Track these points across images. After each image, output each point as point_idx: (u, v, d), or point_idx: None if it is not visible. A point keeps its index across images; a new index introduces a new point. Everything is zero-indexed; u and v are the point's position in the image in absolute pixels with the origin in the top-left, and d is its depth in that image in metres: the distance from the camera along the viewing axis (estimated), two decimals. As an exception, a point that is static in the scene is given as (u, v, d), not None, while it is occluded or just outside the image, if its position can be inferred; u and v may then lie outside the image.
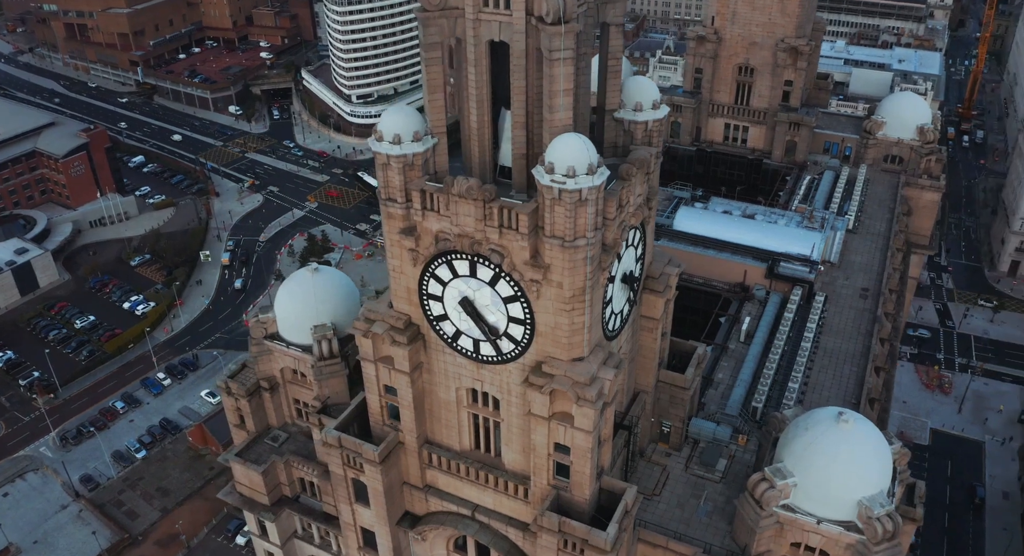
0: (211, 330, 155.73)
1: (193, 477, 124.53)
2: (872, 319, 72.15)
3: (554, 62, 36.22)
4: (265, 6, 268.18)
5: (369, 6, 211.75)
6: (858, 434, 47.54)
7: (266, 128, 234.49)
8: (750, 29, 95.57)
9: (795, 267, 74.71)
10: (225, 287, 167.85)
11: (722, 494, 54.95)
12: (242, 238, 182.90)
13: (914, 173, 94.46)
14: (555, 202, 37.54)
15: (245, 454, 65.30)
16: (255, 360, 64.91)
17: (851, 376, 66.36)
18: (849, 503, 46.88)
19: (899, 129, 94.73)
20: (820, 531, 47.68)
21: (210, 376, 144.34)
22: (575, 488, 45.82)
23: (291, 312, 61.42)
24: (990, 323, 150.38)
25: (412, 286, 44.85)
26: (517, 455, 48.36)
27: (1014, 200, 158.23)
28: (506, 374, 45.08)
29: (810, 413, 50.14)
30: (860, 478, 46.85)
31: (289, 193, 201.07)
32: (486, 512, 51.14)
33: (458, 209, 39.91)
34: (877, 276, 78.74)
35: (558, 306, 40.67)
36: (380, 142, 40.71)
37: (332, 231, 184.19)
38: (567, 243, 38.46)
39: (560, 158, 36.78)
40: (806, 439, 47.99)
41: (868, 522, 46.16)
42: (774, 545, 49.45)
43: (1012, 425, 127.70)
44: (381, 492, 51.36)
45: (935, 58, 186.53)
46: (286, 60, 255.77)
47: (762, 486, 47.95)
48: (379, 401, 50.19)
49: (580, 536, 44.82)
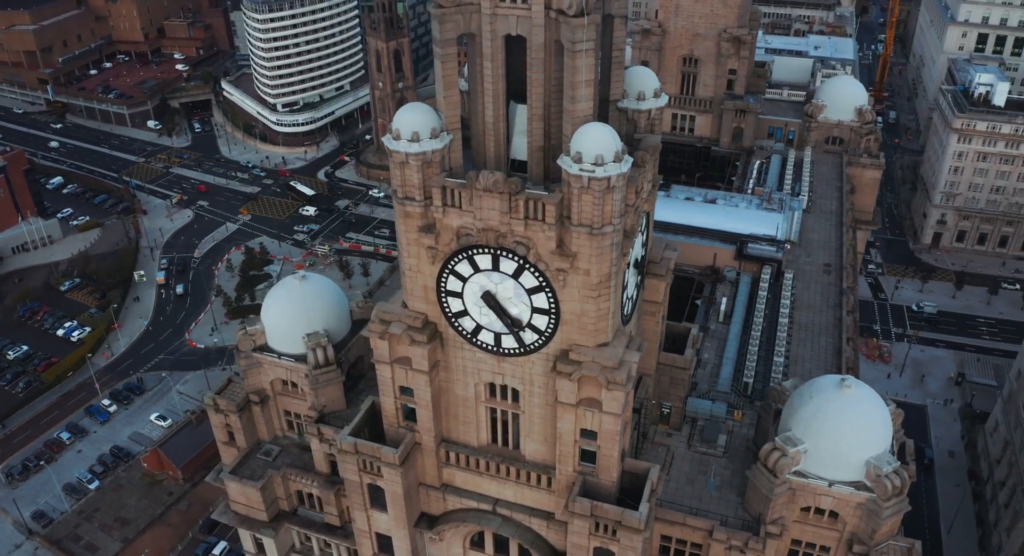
0: (153, 351, 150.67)
1: (152, 504, 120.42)
2: (839, 292, 75.47)
3: (577, 54, 36.90)
4: (178, 17, 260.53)
5: (291, 12, 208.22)
6: (861, 398, 49.95)
7: (188, 142, 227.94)
8: (693, 21, 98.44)
9: (763, 247, 77.42)
10: (164, 307, 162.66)
11: (727, 468, 56.68)
12: (176, 255, 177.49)
13: (855, 152, 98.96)
14: (583, 190, 38.25)
15: (239, 471, 63.88)
16: (244, 374, 63.50)
17: (828, 347, 69.29)
18: (857, 464, 49.14)
19: (838, 111, 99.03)
20: (832, 493, 49.79)
21: (158, 399, 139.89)
22: (602, 472, 46.67)
23: (281, 322, 60.34)
24: (919, 293, 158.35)
25: (429, 284, 44.85)
26: (538, 445, 48.90)
27: (933, 176, 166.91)
28: (529, 365, 45.56)
29: (812, 382, 52.29)
30: (866, 439, 49.20)
31: (220, 207, 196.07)
32: (507, 505, 51.50)
33: (482, 203, 40.18)
34: (836, 252, 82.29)
35: (585, 293, 41.40)
36: (398, 140, 40.60)
37: (269, 243, 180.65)
38: (595, 230, 39.24)
39: (588, 147, 37.52)
40: (812, 407, 50.05)
41: (877, 480, 48.45)
42: (786, 511, 51.37)
43: (951, 388, 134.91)
44: (400, 495, 51.13)
45: (848, 44, 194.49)
46: (203, 71, 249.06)
47: (775, 455, 49.74)
48: (394, 403, 49.97)
49: (613, 518, 45.72)
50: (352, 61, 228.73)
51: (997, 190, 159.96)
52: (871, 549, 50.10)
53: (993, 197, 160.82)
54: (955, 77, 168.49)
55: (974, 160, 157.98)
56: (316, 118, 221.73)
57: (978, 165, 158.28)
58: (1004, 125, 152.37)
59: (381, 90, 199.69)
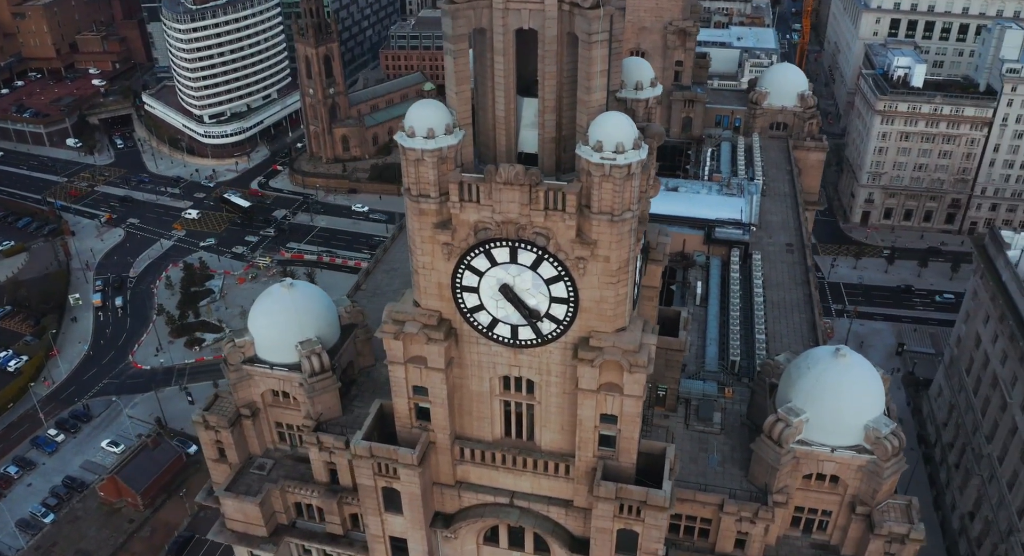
0: (97, 376, 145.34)
1: (113, 533, 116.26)
2: (805, 270, 78.49)
3: (593, 45, 37.70)
4: (90, 31, 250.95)
5: (214, 21, 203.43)
6: (855, 365, 52.28)
7: (112, 159, 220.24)
8: (639, 14, 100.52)
9: (730, 231, 79.83)
10: (103, 329, 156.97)
11: (725, 444, 58.38)
12: (111, 275, 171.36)
13: (799, 136, 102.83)
14: (604, 179, 39.05)
15: (234, 487, 62.53)
16: (233, 387, 62.14)
17: (803, 322, 72.04)
18: (856, 429, 51.41)
19: (781, 98, 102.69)
20: (834, 458, 51.94)
21: (107, 425, 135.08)
22: (622, 455, 47.62)
23: (272, 331, 59.36)
24: (854, 270, 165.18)
25: (444, 281, 44.98)
26: (555, 434, 49.51)
27: (858, 157, 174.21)
28: (546, 355, 46.13)
29: (807, 354, 54.41)
30: (864, 404, 51.59)
31: (152, 224, 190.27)
32: (524, 497, 51.92)
33: (501, 196, 40.58)
34: (796, 231, 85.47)
35: (604, 280, 42.23)
36: (412, 138, 40.64)
37: (208, 257, 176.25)
38: (615, 217, 40.09)
39: (609, 135, 38.35)
40: (811, 377, 52.10)
41: (877, 442, 50.82)
42: (790, 480, 53.31)
43: (892, 358, 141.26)
44: (418, 495, 51.04)
45: (769, 34, 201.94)
46: (121, 86, 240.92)
47: (779, 426, 51.57)
48: (407, 403, 49.83)
49: (638, 499, 46.72)
50: (278, 69, 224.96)
51: (920, 168, 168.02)
52: (873, 509, 52.49)
53: (916, 174, 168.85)
54: (873, 61, 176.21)
55: (897, 140, 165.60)
56: (245, 128, 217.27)
57: (901, 145, 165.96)
58: (924, 105, 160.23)
59: (312, 97, 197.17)
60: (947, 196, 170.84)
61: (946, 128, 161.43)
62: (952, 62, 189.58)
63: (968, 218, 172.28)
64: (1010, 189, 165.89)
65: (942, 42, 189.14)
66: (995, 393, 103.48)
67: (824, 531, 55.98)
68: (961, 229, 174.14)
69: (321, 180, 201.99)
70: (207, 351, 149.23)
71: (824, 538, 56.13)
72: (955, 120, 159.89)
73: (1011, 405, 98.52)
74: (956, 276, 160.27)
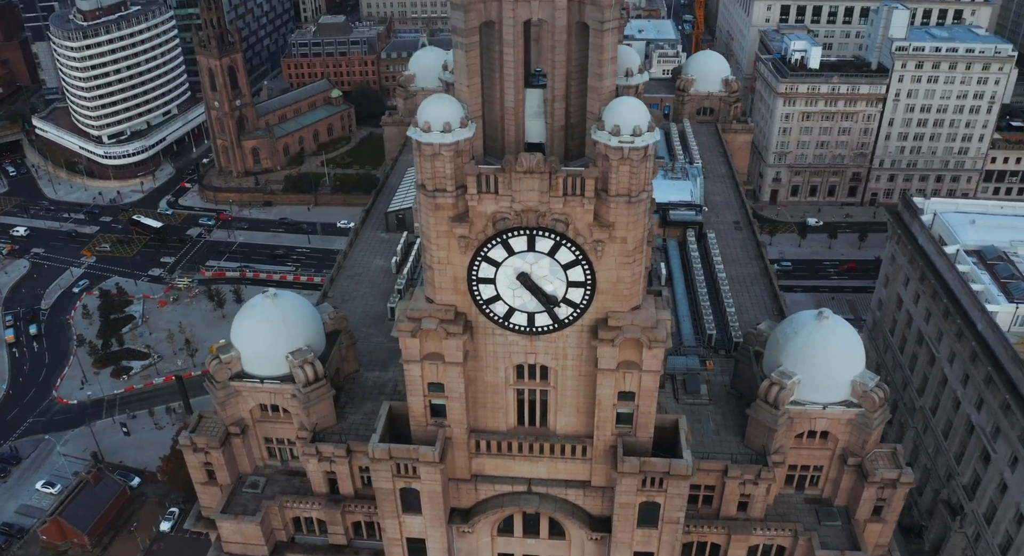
0: (21, 416, 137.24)
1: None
2: (756, 244, 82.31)
3: (605, 32, 39.00)
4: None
5: (107, 38, 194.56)
6: (838, 326, 55.59)
7: (5, 188, 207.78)
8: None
9: (683, 213, 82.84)
10: (20, 366, 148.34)
11: (716, 413, 60.92)
12: (20, 309, 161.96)
13: (725, 120, 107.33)
14: (622, 162, 40.46)
15: (230, 509, 61.00)
16: (220, 406, 60.49)
17: (764, 293, 75.65)
18: (844, 385, 54.74)
19: (706, 84, 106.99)
20: (826, 414, 55.12)
21: (39, 465, 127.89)
22: (640, 430, 49.24)
23: (260, 344, 58.20)
24: (770, 246, 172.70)
25: (460, 274, 45.41)
26: (570, 418, 50.67)
27: (764, 139, 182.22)
28: (562, 340, 47.21)
29: (790, 320, 57.46)
30: (849, 361, 55.00)
31: (59, 252, 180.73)
32: (542, 482, 52.90)
33: (521, 185, 41.39)
34: (740, 209, 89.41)
35: (621, 261, 43.67)
36: (429, 132, 40.92)
37: (124, 282, 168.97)
38: (632, 199, 41.60)
39: (626, 119, 39.76)
40: (800, 340, 55.05)
41: (864, 395, 54.24)
42: (785, 440, 56.22)
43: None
44: (439, 493, 51.25)
45: (668, 25, 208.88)
46: (7, 110, 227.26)
47: (774, 389, 54.34)
48: (423, 401, 49.96)
49: (661, 470, 48.41)
50: (177, 83, 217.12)
51: (822, 145, 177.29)
52: (864, 459, 55.93)
53: (819, 152, 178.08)
54: (769, 47, 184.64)
55: (799, 120, 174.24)
56: (147, 146, 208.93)
57: (803, 124, 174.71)
58: (822, 85, 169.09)
59: (218, 110, 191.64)
60: (848, 170, 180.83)
61: (844, 106, 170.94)
62: (840, 44, 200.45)
63: (869, 189, 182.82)
64: (905, 160, 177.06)
65: (830, 25, 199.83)
66: (922, 349, 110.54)
67: (816, 486, 59.28)
68: (863, 201, 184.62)
69: (234, 195, 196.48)
70: (136, 379, 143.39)
71: (816, 493, 59.42)
72: (852, 98, 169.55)
73: (939, 359, 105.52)
74: (864, 245, 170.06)
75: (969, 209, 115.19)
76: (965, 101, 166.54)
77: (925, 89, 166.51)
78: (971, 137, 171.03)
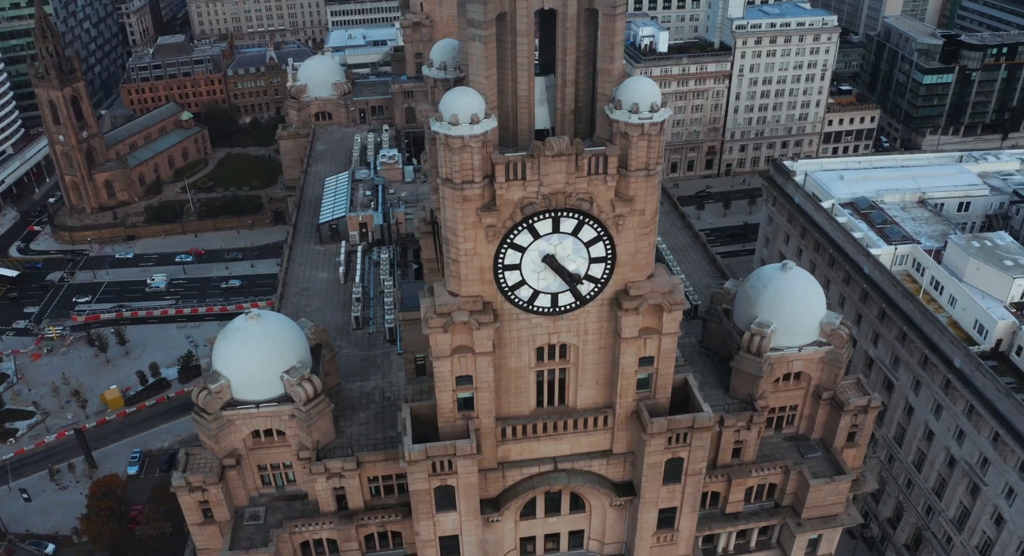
0: None
1: None
2: (680, 215, 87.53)
3: (616, 17, 41.32)
4: None
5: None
6: (800, 275, 60.92)
7: None
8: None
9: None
10: None
11: (695, 372, 64.75)
12: None
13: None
14: (641, 137, 42.98)
15: (238, 545, 58.72)
16: (213, 439, 57.99)
17: (702, 258, 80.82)
18: (814, 327, 60.07)
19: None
20: (801, 356, 60.22)
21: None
22: (660, 391, 52.15)
23: (252, 367, 56.38)
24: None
25: (486, 264, 46.39)
26: (589, 391, 52.77)
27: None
28: (584, 316, 49.20)
29: (756, 274, 62.28)
30: (815, 305, 60.40)
31: None
32: (566, 459, 54.71)
33: (549, 169, 42.99)
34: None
35: (639, 232, 46.24)
36: (457, 126, 41.70)
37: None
38: (650, 171, 44.24)
39: (643, 97, 42.27)
40: (770, 292, 59.85)
41: (833, 333, 59.77)
42: (766, 385, 60.97)
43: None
44: (475, 485, 52.00)
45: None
46: None
47: (755, 339, 58.80)
48: (451, 397, 50.49)
49: (685, 426, 51.51)
50: (9, 121, 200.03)
51: (678, 123, 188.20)
52: (836, 392, 61.58)
53: (677, 130, 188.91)
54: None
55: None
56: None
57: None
58: (673, 67, 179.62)
59: (63, 143, 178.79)
60: (704, 145, 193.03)
61: (695, 85, 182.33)
62: (676, 27, 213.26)
63: (724, 161, 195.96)
64: (753, 130, 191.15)
65: (665, 10, 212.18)
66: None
67: (792, 424, 64.52)
68: (719, 172, 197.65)
69: (92, 232, 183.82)
70: (26, 440, 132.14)
71: (793, 431, 64.69)
72: (701, 77, 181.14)
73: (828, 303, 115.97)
74: (728, 212, 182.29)
75: (834, 167, 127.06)
76: (801, 71, 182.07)
77: (765, 63, 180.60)
78: (809, 103, 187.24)
